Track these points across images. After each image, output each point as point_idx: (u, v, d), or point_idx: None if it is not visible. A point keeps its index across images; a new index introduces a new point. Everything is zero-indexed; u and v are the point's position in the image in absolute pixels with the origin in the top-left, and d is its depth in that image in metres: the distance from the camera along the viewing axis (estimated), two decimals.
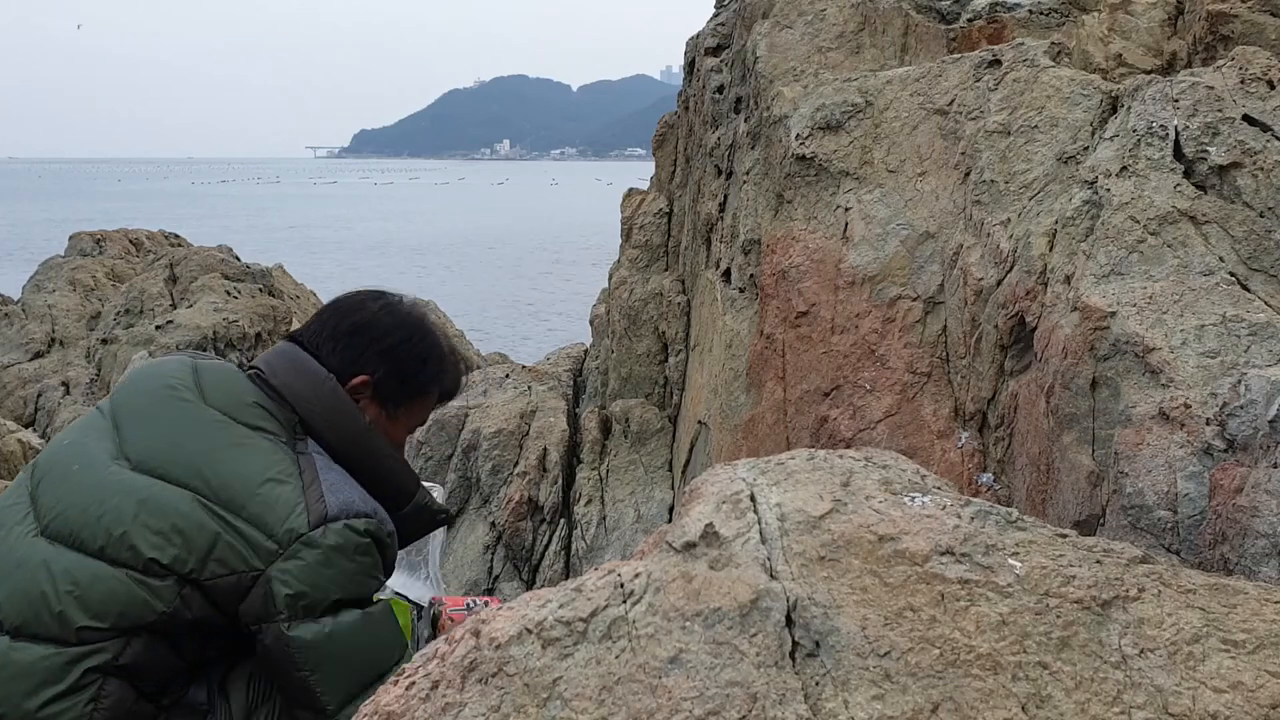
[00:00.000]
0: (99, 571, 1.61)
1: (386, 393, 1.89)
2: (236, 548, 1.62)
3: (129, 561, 1.61)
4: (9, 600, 1.61)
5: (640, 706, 1.11)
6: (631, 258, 6.36)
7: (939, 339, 3.39)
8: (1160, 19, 3.41)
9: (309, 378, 1.81)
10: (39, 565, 1.63)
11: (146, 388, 1.81)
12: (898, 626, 1.17)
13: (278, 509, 1.64)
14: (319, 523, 1.64)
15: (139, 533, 1.62)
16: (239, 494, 1.65)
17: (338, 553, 1.65)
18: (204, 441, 1.70)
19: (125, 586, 1.60)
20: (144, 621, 1.60)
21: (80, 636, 1.58)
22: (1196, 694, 1.12)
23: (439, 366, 1.97)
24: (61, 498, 1.69)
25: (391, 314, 1.93)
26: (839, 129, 3.79)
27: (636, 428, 5.86)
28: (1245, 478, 1.83)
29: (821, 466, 1.43)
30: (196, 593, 1.62)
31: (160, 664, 1.63)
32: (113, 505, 1.64)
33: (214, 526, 1.62)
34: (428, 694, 1.20)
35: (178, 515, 1.63)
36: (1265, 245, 2.44)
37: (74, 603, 1.59)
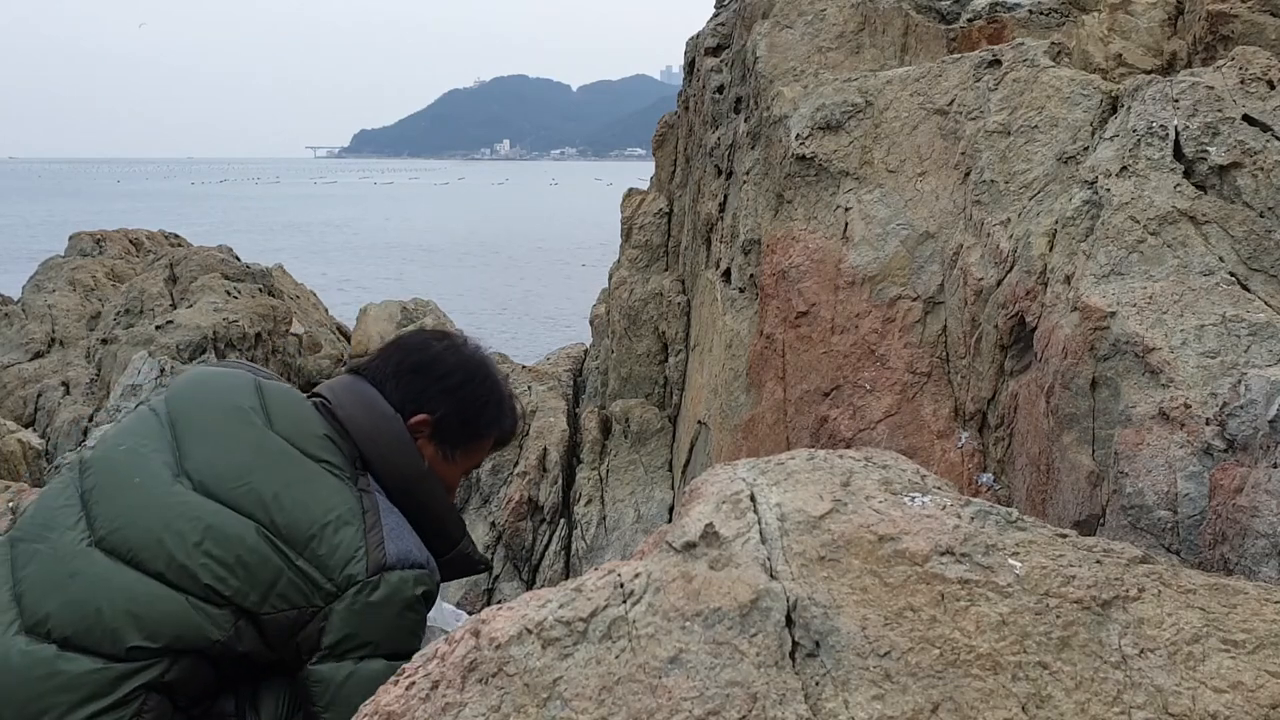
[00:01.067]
0: (157, 593, 1.60)
1: (446, 433, 1.89)
2: (298, 585, 1.62)
3: (189, 587, 1.61)
4: (61, 610, 1.60)
5: (640, 706, 1.11)
6: (631, 258, 6.36)
7: (939, 339, 3.39)
8: (1160, 19, 3.41)
9: (375, 414, 1.81)
10: (96, 579, 1.62)
11: (210, 402, 1.80)
12: (898, 626, 1.17)
13: (340, 552, 1.64)
14: (376, 570, 1.65)
15: (202, 560, 1.61)
16: (303, 532, 1.64)
17: (388, 604, 1.65)
18: (271, 473, 1.69)
19: (183, 611, 1.60)
20: (197, 646, 1.60)
21: (130, 654, 1.58)
22: (1196, 694, 1.12)
23: (499, 410, 1.97)
24: (121, 513, 1.67)
25: (456, 354, 1.94)
26: (839, 129, 3.79)
27: (636, 428, 5.86)
28: (1245, 478, 1.83)
29: (821, 466, 1.43)
30: (251, 626, 1.63)
31: (201, 683, 1.63)
32: (176, 529, 1.63)
33: (277, 562, 1.62)
34: (428, 694, 1.20)
35: (242, 547, 1.62)
36: (1265, 245, 2.44)
37: (130, 621, 1.59)
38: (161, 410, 1.80)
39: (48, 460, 7.43)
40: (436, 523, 1.82)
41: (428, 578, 1.71)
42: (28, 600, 1.64)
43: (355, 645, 1.64)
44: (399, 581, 1.66)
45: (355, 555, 1.64)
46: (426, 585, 1.71)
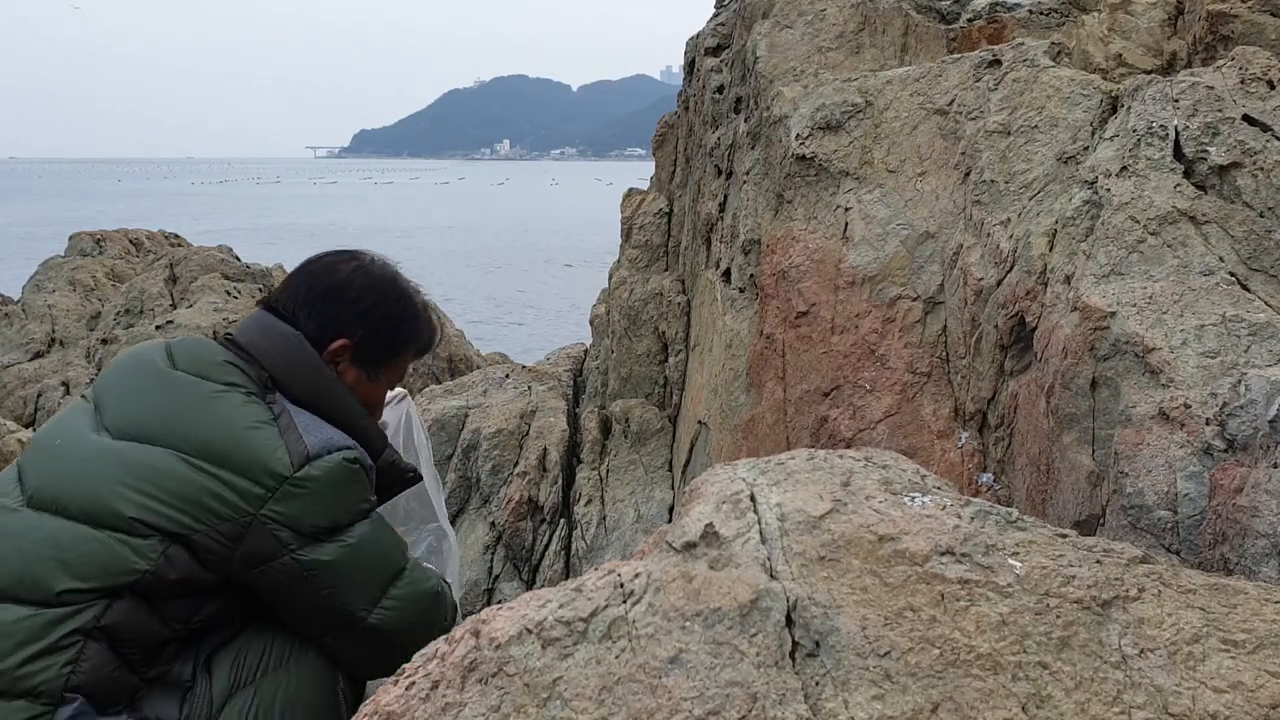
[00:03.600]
0: (80, 534, 1.63)
1: (366, 355, 1.92)
2: (224, 497, 1.64)
3: (111, 523, 1.63)
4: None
5: (640, 706, 1.11)
6: (631, 258, 6.37)
7: (939, 339, 3.39)
8: (1160, 19, 3.41)
9: (276, 336, 1.85)
10: (21, 533, 1.65)
11: (121, 366, 1.86)
12: (898, 626, 1.17)
13: (259, 454, 1.67)
14: (302, 462, 1.68)
15: (121, 493, 1.64)
16: (219, 447, 1.67)
17: (328, 486, 1.69)
18: (178, 400, 1.73)
19: (107, 547, 1.62)
20: (126, 581, 1.61)
21: (61, 599, 1.59)
22: (1196, 694, 1.12)
23: (415, 325, 2.01)
24: (45, 471, 1.71)
25: (365, 276, 1.95)
26: (839, 129, 3.79)
27: (636, 428, 5.86)
28: (1245, 478, 1.83)
29: (821, 466, 1.43)
30: (181, 550, 1.64)
31: (142, 629, 1.63)
32: (94, 470, 1.67)
33: (198, 479, 1.65)
34: (428, 694, 1.20)
35: (159, 474, 1.65)
36: (1265, 245, 2.44)
37: (56, 566, 1.60)
38: (89, 394, 1.86)
39: None
40: (355, 433, 1.83)
41: (355, 453, 1.74)
42: None
43: (318, 528, 1.67)
44: (328, 465, 1.69)
45: (275, 454, 1.67)
46: (358, 458, 1.74)
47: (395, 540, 1.82)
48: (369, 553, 1.73)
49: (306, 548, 1.66)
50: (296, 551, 1.65)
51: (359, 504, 1.74)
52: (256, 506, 1.65)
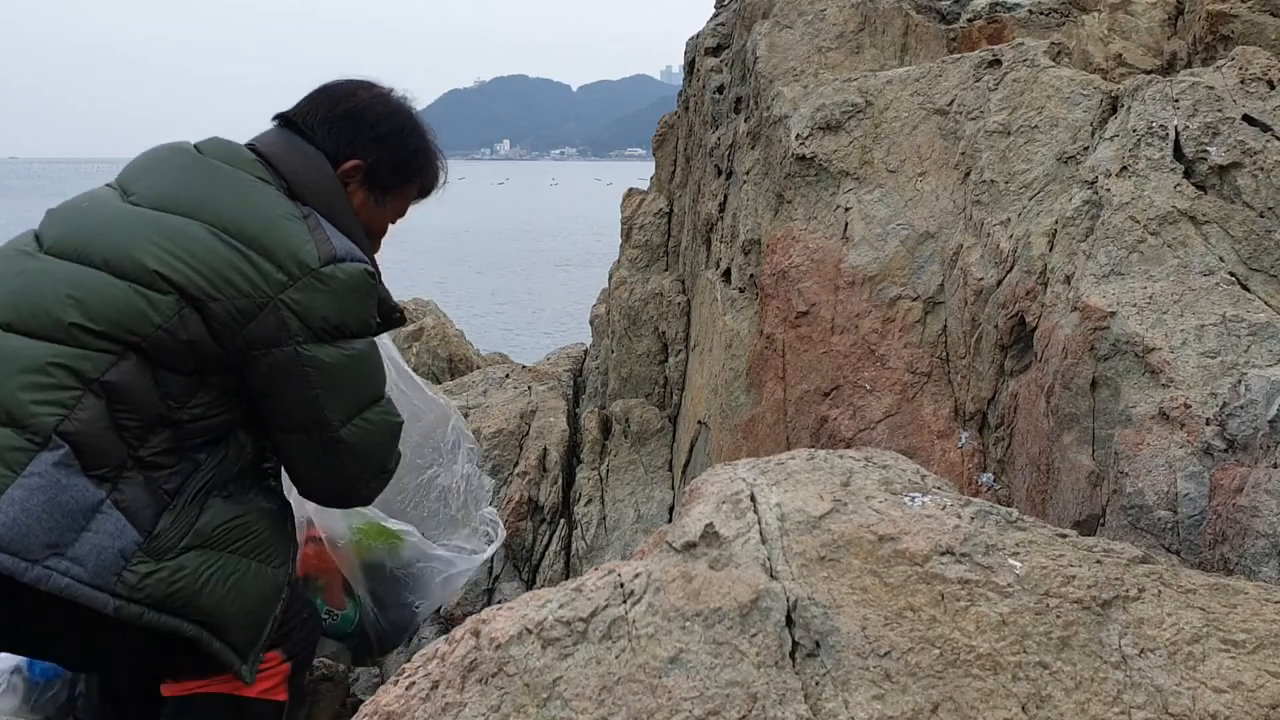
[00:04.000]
0: (101, 280, 1.65)
1: (376, 178, 1.97)
2: (248, 274, 1.67)
3: (133, 274, 1.65)
4: (6, 299, 1.64)
5: (640, 706, 1.11)
6: (631, 258, 6.36)
7: (939, 339, 3.39)
8: (1160, 19, 3.41)
9: (297, 151, 1.89)
10: (40, 272, 1.67)
11: (149, 155, 1.90)
12: (898, 626, 1.17)
13: (290, 243, 1.71)
14: (328, 260, 1.72)
15: (147, 248, 1.66)
16: (250, 227, 1.70)
17: (348, 289, 1.74)
18: (214, 182, 1.77)
19: (126, 295, 1.64)
20: (138, 333, 1.63)
21: (70, 334, 1.61)
22: (1196, 694, 1.12)
23: (426, 158, 2.06)
24: (67, 225, 1.74)
25: (385, 104, 2.00)
26: (839, 129, 3.79)
27: (636, 428, 5.86)
28: (1245, 478, 1.83)
29: (821, 466, 1.43)
30: (195, 314, 1.66)
31: (141, 397, 1.64)
32: (122, 226, 1.70)
33: (225, 253, 1.67)
34: (428, 694, 1.20)
35: (190, 240, 1.68)
36: (1265, 245, 2.44)
37: (71, 302, 1.62)
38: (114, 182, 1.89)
39: None
40: None
41: (371, 269, 1.81)
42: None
43: (328, 327, 1.72)
44: (352, 270, 1.75)
45: (305, 246, 1.72)
46: (372, 274, 1.81)
47: (382, 369, 1.88)
48: (361, 370, 1.80)
49: (310, 344, 1.70)
50: (301, 344, 1.70)
51: (368, 317, 1.80)
52: (276, 290, 1.68)
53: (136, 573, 1.61)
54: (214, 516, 1.72)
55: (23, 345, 1.60)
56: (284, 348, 1.69)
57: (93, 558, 1.57)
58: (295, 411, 1.75)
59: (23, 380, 1.57)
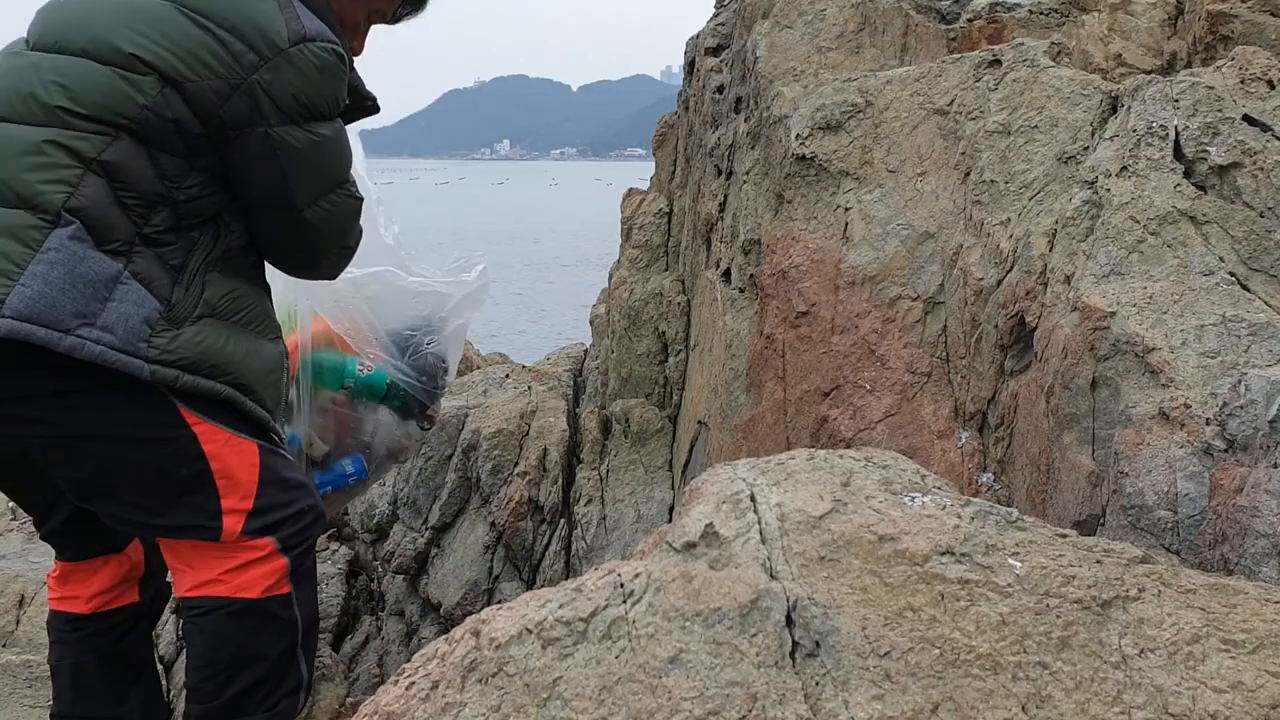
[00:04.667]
0: (84, 67, 1.70)
1: None
2: (219, 53, 1.72)
3: (112, 59, 1.70)
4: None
5: (640, 706, 1.11)
6: (631, 258, 6.36)
7: (939, 339, 3.39)
8: (1160, 19, 3.41)
9: None
10: (25, 67, 1.74)
11: None
12: (898, 626, 1.17)
13: (259, 22, 1.74)
14: (298, 40, 1.76)
15: (121, 33, 1.71)
16: (219, 7, 1.74)
17: (317, 70, 1.78)
18: None
19: (108, 79, 1.69)
20: (126, 115, 1.69)
21: (59, 117, 1.67)
22: (1196, 694, 1.12)
23: None
24: (49, 21, 1.80)
25: None
26: (839, 129, 3.79)
27: (636, 428, 5.86)
28: (1245, 478, 1.83)
29: (821, 466, 1.43)
30: (176, 94, 1.71)
31: (139, 175, 1.71)
32: (98, 15, 1.74)
33: (196, 32, 1.72)
34: (428, 694, 1.20)
35: (162, 21, 1.72)
36: (1265, 245, 2.44)
37: (57, 89, 1.68)
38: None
39: None
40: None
41: (341, 49, 1.84)
42: None
43: (299, 109, 1.76)
44: (320, 50, 1.78)
45: (274, 25, 1.75)
46: (341, 54, 1.84)
47: (348, 152, 1.94)
48: (328, 154, 1.85)
49: (282, 126, 1.75)
50: (272, 126, 1.75)
51: (337, 98, 1.84)
52: (248, 72, 1.72)
53: (164, 338, 1.70)
54: (217, 289, 1.81)
55: (17, 130, 1.67)
56: (256, 128, 1.74)
57: (121, 325, 1.65)
58: (264, 190, 1.82)
59: (24, 162, 1.65)
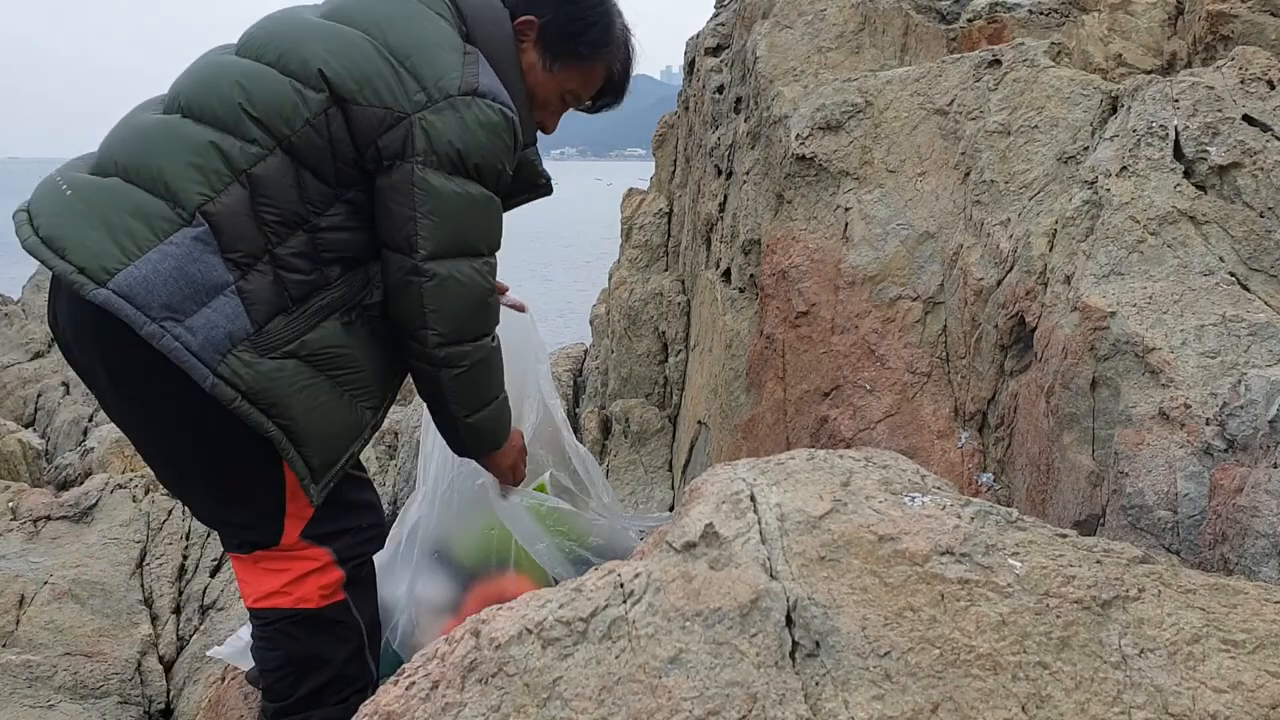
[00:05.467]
0: (269, 74, 1.81)
1: (548, 40, 2.02)
2: (392, 85, 1.79)
3: (297, 71, 1.80)
4: (189, 87, 1.84)
5: (640, 706, 1.11)
6: (631, 258, 6.36)
7: (939, 339, 3.39)
8: (1160, 19, 3.41)
9: (492, 10, 1.98)
10: (222, 67, 1.85)
11: None
12: (898, 626, 1.17)
13: (437, 67, 1.81)
14: (468, 92, 1.81)
15: (314, 49, 1.81)
16: (407, 47, 1.82)
17: (480, 124, 1.81)
18: (391, 8, 1.89)
19: (286, 89, 1.78)
20: (291, 127, 1.77)
21: (235, 117, 1.77)
22: (1196, 694, 1.12)
23: (604, 35, 2.09)
24: (259, 29, 1.91)
25: None
26: (839, 129, 3.79)
27: (636, 428, 5.85)
28: (1245, 478, 1.83)
29: (821, 466, 1.43)
30: (340, 114, 1.79)
31: (282, 194, 1.77)
32: (300, 32, 1.85)
33: (379, 64, 1.80)
34: (428, 694, 1.20)
35: (352, 47, 1.81)
36: (1265, 245, 2.44)
37: (239, 90, 1.79)
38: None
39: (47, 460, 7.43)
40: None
41: (515, 118, 1.86)
42: (173, 91, 1.88)
43: (451, 155, 1.79)
44: (488, 108, 1.82)
45: (451, 74, 1.81)
46: (512, 118, 1.85)
47: (495, 226, 1.93)
48: (468, 211, 1.84)
49: (429, 167, 1.78)
50: (419, 164, 1.77)
51: (496, 159, 1.84)
52: (414, 109, 1.78)
53: (240, 359, 1.73)
54: (325, 336, 1.82)
55: (193, 129, 1.78)
56: (405, 162, 1.78)
57: (204, 331, 1.70)
58: (392, 228, 1.82)
59: (185, 158, 1.74)
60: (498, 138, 1.83)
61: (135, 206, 1.73)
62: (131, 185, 1.76)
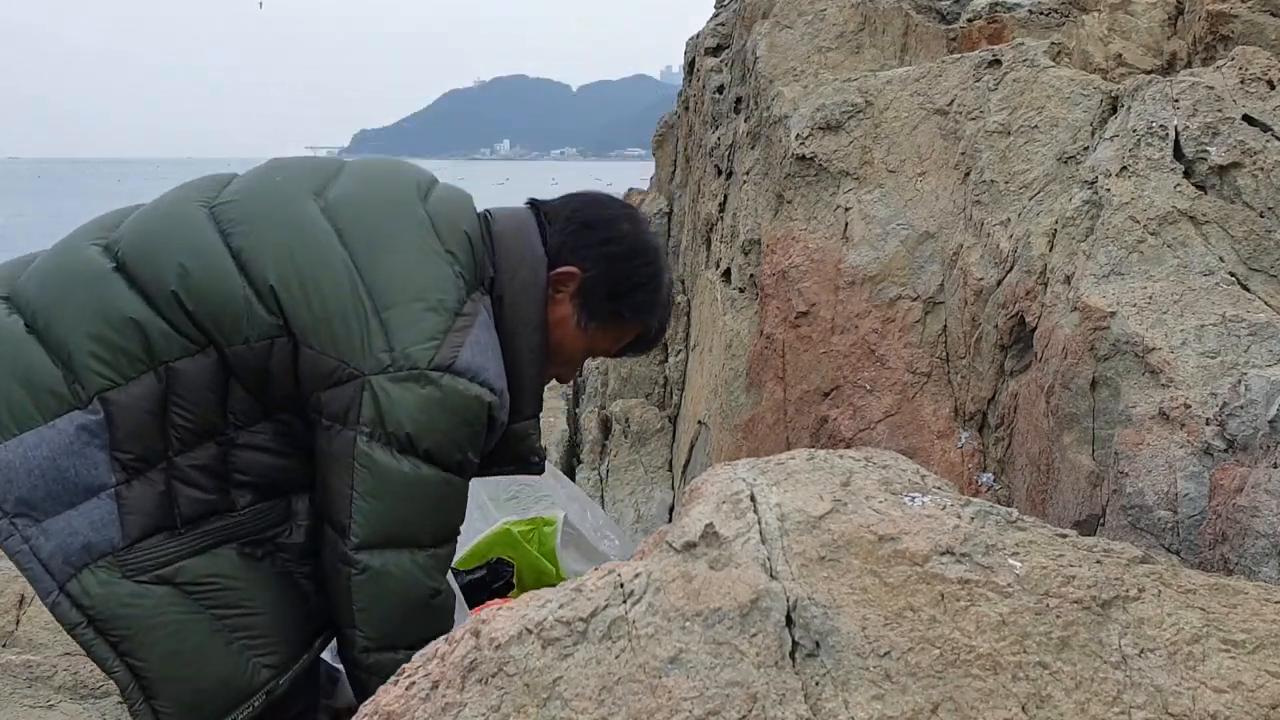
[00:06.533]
0: (221, 264, 1.53)
1: (588, 297, 1.74)
2: (353, 334, 1.51)
3: (254, 277, 1.53)
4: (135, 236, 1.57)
5: (640, 706, 1.11)
6: None
7: (939, 339, 3.39)
8: (1160, 19, 3.41)
9: (525, 241, 1.72)
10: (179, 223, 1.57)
11: (379, 160, 1.80)
12: (898, 626, 1.17)
13: (413, 330, 1.51)
14: (441, 367, 1.50)
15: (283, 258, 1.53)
16: (392, 294, 1.53)
17: (442, 406, 1.50)
18: (395, 226, 1.60)
19: (234, 290, 1.52)
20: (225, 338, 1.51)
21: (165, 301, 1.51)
22: (1196, 694, 1.12)
23: (650, 299, 1.80)
24: (242, 196, 1.63)
25: (633, 226, 1.81)
26: (839, 129, 3.79)
27: (636, 428, 5.86)
28: (1245, 478, 1.83)
29: (821, 466, 1.43)
30: (288, 348, 1.52)
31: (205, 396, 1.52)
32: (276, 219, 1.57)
33: (347, 300, 1.52)
34: (428, 694, 1.20)
35: (323, 265, 1.54)
36: (1265, 245, 2.44)
37: (179, 272, 1.52)
38: (337, 159, 1.80)
39: None
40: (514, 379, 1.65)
41: (494, 399, 1.56)
42: (122, 226, 1.60)
43: (399, 435, 1.49)
44: (459, 388, 1.51)
45: (425, 342, 1.51)
46: (489, 404, 1.55)
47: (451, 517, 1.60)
48: (415, 497, 1.52)
49: (375, 441, 1.49)
50: (367, 434, 1.49)
51: (455, 447, 1.53)
52: (372, 369, 1.49)
53: (95, 576, 1.45)
54: (214, 564, 1.53)
55: (122, 296, 1.51)
56: (347, 429, 1.50)
57: (60, 536, 1.43)
58: (329, 501, 1.54)
59: (102, 330, 1.48)
60: (463, 423, 1.52)
61: (26, 370, 1.46)
62: (32, 336, 1.50)
